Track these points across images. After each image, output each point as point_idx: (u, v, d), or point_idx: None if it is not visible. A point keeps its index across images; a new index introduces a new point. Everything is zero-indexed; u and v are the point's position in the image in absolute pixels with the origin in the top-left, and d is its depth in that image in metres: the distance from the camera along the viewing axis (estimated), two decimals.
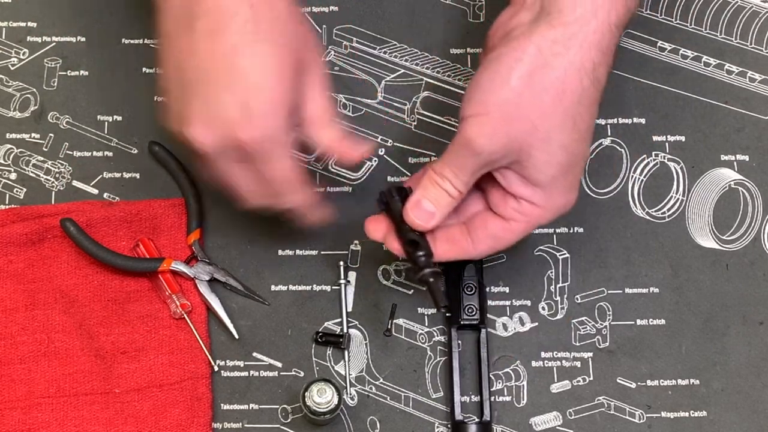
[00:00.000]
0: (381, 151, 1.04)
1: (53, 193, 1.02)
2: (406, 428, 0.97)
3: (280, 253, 1.01)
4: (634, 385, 0.98)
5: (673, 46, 1.06)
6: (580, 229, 1.02)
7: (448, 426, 0.97)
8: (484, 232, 0.90)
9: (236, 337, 0.98)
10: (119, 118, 1.04)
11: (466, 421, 0.96)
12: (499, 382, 0.98)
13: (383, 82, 1.06)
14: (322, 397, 0.91)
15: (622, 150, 1.04)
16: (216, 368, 0.97)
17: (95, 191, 1.02)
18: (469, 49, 1.07)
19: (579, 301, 1.00)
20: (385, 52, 1.07)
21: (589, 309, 1.00)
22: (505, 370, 0.98)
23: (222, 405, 0.97)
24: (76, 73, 1.05)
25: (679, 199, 1.03)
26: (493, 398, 0.97)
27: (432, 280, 0.89)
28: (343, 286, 0.99)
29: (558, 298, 1.00)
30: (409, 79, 1.06)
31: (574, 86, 0.85)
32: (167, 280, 0.98)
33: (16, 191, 1.02)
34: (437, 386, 0.98)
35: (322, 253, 1.01)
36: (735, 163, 1.04)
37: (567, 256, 1.01)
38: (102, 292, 0.99)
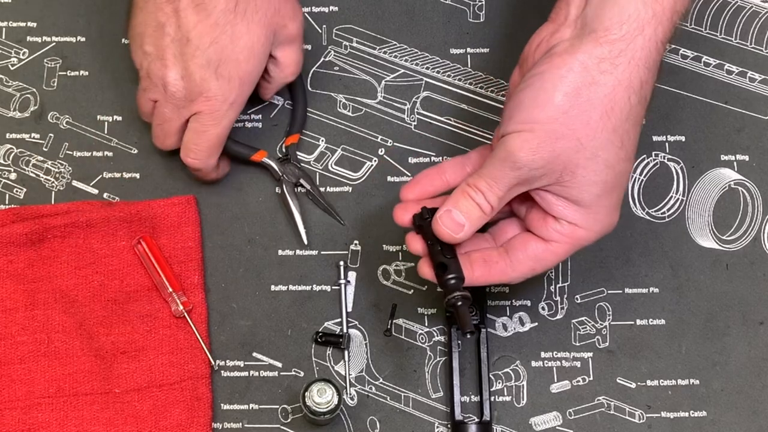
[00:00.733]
0: (381, 151, 1.04)
1: (53, 193, 1.02)
2: (406, 428, 0.97)
3: (280, 253, 1.01)
4: (634, 385, 0.98)
5: (673, 46, 1.06)
6: None
7: (448, 426, 0.97)
8: (524, 254, 0.88)
9: (305, 242, 1.00)
10: (119, 118, 1.04)
11: (466, 421, 0.96)
12: (499, 382, 0.98)
13: (383, 82, 1.06)
14: (322, 397, 0.91)
15: None
16: (216, 367, 0.97)
17: (95, 191, 1.02)
18: (469, 49, 1.07)
19: (579, 301, 1.00)
20: (385, 52, 1.07)
21: (588, 309, 1.00)
22: (505, 370, 0.98)
23: (222, 405, 0.97)
24: (76, 73, 1.05)
25: (679, 199, 1.03)
26: (493, 398, 0.97)
27: (460, 304, 0.86)
28: (343, 286, 1.00)
29: (558, 298, 1.00)
30: (409, 79, 1.06)
31: (622, 104, 0.83)
32: (169, 277, 0.98)
33: (16, 191, 1.02)
34: (437, 386, 0.98)
35: (322, 253, 1.01)
36: (735, 163, 1.04)
37: None
38: (102, 292, 0.99)
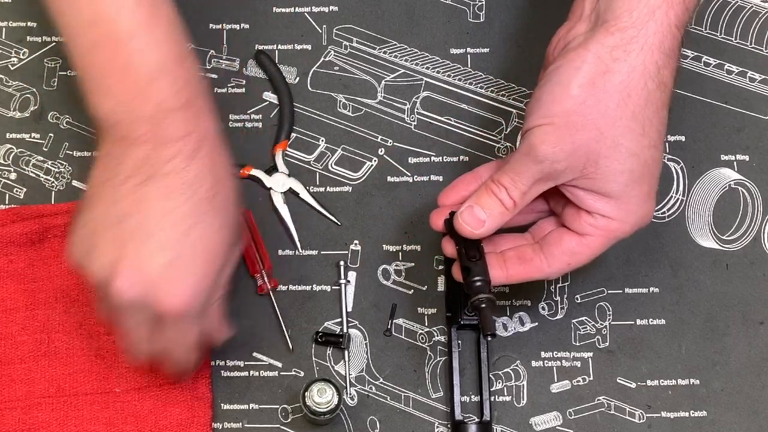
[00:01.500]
0: (381, 151, 1.04)
1: (53, 193, 1.02)
2: (406, 428, 0.97)
3: (280, 253, 1.01)
4: (634, 385, 0.98)
5: None
6: None
7: (448, 426, 0.97)
8: (559, 248, 0.87)
9: (299, 251, 1.00)
10: None
11: (466, 421, 0.96)
12: (499, 382, 0.98)
13: (383, 82, 1.06)
14: (322, 397, 0.91)
15: None
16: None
17: None
18: (469, 49, 1.07)
19: (579, 301, 1.00)
20: (385, 52, 1.07)
21: (589, 309, 1.00)
22: (505, 370, 0.98)
23: (222, 405, 0.97)
24: (76, 73, 1.05)
25: (679, 199, 1.03)
26: (493, 398, 0.97)
27: (484, 306, 0.85)
28: (343, 286, 0.99)
29: (558, 298, 1.00)
30: (409, 79, 1.06)
31: (639, 90, 0.83)
32: (263, 255, 0.99)
33: (16, 191, 1.02)
34: (437, 386, 0.98)
35: (322, 253, 1.01)
36: (735, 163, 1.04)
37: None
38: None
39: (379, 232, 1.01)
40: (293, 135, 1.04)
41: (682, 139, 1.04)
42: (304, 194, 1.02)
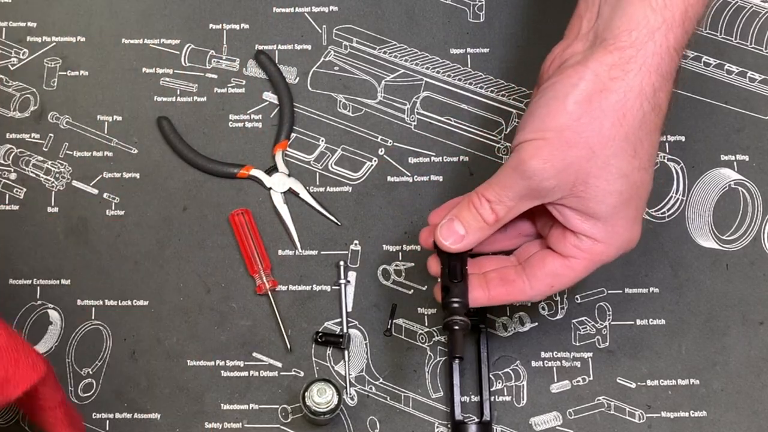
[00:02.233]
0: (381, 151, 1.04)
1: (53, 193, 1.02)
2: (406, 428, 0.97)
3: (280, 253, 1.01)
4: (634, 385, 0.98)
5: None
6: None
7: (448, 426, 0.97)
8: (542, 270, 0.87)
9: (299, 249, 1.00)
10: (119, 118, 1.04)
11: (466, 421, 0.96)
12: (499, 382, 0.98)
13: (383, 82, 1.06)
14: (322, 397, 0.91)
15: None
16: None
17: (95, 191, 1.02)
18: (469, 49, 1.07)
19: (579, 301, 1.00)
20: (385, 52, 1.07)
21: (588, 309, 1.00)
22: (505, 370, 0.98)
23: (222, 405, 0.97)
24: (76, 73, 1.05)
25: (679, 199, 1.03)
26: (493, 398, 0.97)
27: (456, 329, 0.85)
28: (343, 286, 1.00)
29: (558, 298, 1.00)
30: (409, 79, 1.06)
31: (634, 111, 0.82)
32: (262, 253, 0.99)
33: (16, 191, 1.02)
34: (437, 386, 0.98)
35: (322, 253, 1.01)
36: (735, 163, 1.04)
37: None
38: None
39: (379, 232, 1.01)
40: (293, 135, 1.04)
41: (682, 139, 1.04)
42: (304, 194, 1.02)
